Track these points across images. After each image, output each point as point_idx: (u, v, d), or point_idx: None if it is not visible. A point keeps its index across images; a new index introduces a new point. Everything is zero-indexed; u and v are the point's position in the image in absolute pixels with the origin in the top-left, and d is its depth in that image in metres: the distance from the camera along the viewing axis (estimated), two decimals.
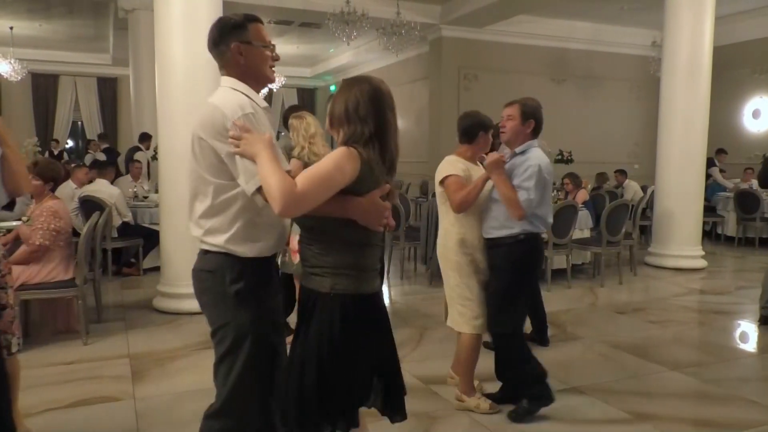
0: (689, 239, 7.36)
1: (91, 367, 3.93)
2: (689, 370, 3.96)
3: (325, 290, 1.87)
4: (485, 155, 3.31)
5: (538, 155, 3.14)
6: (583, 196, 7.02)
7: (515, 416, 3.14)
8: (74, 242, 4.45)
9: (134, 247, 6.76)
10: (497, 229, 3.14)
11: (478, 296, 3.19)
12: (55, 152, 13.10)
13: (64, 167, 6.19)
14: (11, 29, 11.92)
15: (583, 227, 6.72)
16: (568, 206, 6.14)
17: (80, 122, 15.90)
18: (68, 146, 15.98)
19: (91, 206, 6.05)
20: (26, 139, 11.30)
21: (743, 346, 4.75)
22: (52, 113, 15.27)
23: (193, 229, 1.97)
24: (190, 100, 4.78)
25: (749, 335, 4.90)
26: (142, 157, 8.78)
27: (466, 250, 3.19)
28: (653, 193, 7.90)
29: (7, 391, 2.36)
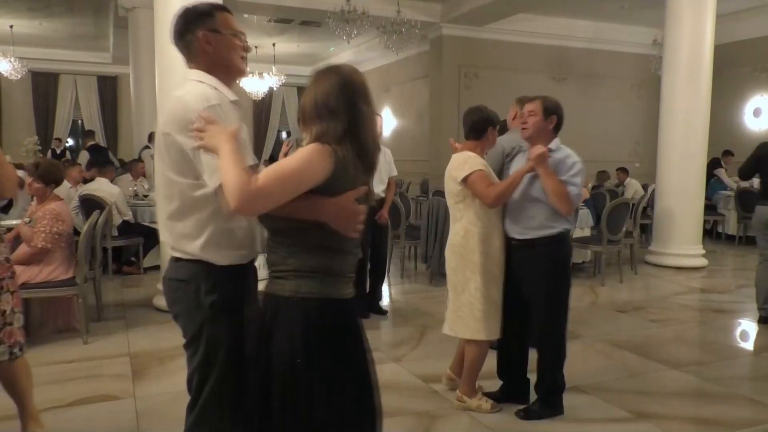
0: (690, 238, 7.35)
1: (91, 365, 3.93)
2: (690, 368, 3.95)
3: (287, 294, 1.68)
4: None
5: (573, 152, 3.10)
6: (583, 194, 6.99)
7: (524, 415, 3.14)
8: (75, 241, 4.45)
9: (134, 245, 6.76)
10: (535, 229, 3.04)
11: (499, 300, 3.12)
12: (57, 151, 13.07)
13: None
14: (11, 28, 11.90)
15: (583, 226, 6.71)
16: None
17: (80, 121, 15.89)
18: (68, 144, 15.95)
19: (91, 205, 6.04)
20: (26, 137, 11.34)
21: (744, 344, 4.74)
22: (52, 112, 15.25)
23: (163, 233, 1.87)
24: None
25: (750, 334, 4.89)
26: (148, 155, 8.78)
27: (489, 249, 3.07)
28: (654, 191, 7.89)
29: None
